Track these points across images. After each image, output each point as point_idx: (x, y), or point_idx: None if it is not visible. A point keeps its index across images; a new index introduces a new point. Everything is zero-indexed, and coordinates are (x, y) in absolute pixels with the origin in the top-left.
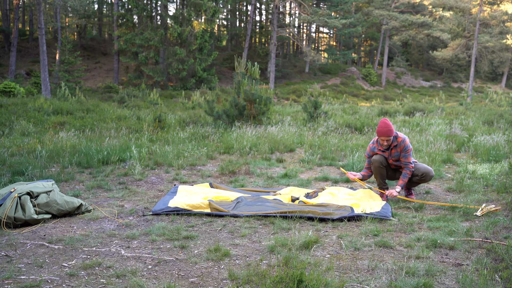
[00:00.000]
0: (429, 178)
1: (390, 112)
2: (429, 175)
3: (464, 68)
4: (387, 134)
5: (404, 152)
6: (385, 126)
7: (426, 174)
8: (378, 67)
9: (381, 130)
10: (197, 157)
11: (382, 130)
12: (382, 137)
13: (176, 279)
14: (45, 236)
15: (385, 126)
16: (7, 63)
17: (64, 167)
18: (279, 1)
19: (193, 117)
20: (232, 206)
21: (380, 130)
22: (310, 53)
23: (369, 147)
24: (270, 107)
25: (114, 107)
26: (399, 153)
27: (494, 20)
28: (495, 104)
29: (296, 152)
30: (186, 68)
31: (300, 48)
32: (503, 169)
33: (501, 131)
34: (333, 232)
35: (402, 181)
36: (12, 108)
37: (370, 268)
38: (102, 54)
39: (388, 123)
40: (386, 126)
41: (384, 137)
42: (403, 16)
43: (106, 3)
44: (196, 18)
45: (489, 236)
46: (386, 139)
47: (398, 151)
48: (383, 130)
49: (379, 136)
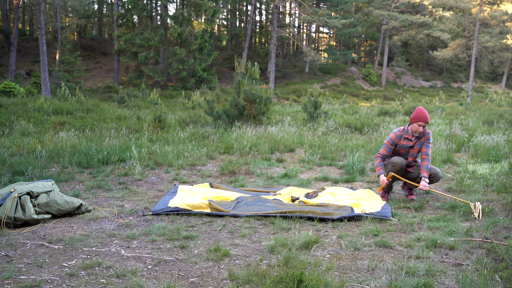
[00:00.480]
0: (437, 179)
1: (390, 112)
2: (437, 176)
3: (464, 68)
4: (426, 119)
5: (427, 142)
6: (423, 112)
7: (435, 174)
8: (378, 67)
9: (420, 115)
10: (197, 157)
11: (421, 115)
12: (420, 122)
13: (176, 279)
14: (45, 236)
15: (423, 112)
16: (7, 63)
17: (64, 167)
18: (279, 1)
19: (193, 117)
20: (232, 206)
21: (419, 115)
22: (310, 53)
23: (394, 135)
24: (270, 107)
25: (114, 107)
26: (422, 143)
27: (494, 20)
28: (495, 104)
29: (296, 152)
30: (186, 68)
31: (300, 48)
32: (503, 169)
33: (501, 131)
34: (333, 232)
35: (426, 173)
36: (12, 108)
37: (370, 268)
38: (102, 54)
39: (424, 109)
40: (424, 112)
41: (422, 122)
42: (403, 16)
43: (106, 3)
44: (196, 18)
45: (489, 236)
46: (423, 124)
47: (421, 141)
48: (422, 115)
49: (418, 120)
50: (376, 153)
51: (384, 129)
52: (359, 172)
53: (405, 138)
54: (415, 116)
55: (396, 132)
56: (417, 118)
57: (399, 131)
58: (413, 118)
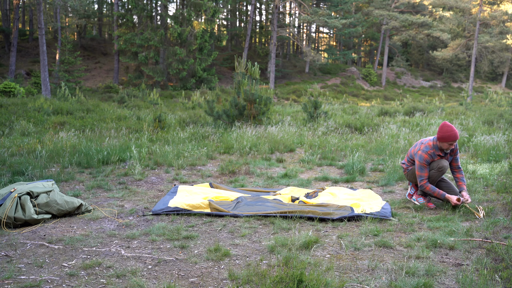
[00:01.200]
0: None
1: (390, 112)
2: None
3: (464, 68)
4: (456, 137)
5: (456, 155)
6: (452, 129)
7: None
8: (378, 67)
9: (450, 135)
10: (197, 157)
11: (451, 134)
12: (451, 141)
13: (176, 279)
14: (45, 236)
15: (452, 129)
16: (7, 63)
17: (64, 167)
18: (279, 1)
19: (193, 117)
20: (232, 206)
21: (449, 134)
22: (310, 53)
23: (427, 155)
24: (270, 107)
25: (114, 107)
26: (452, 157)
27: (494, 20)
28: (495, 104)
29: (296, 152)
30: (186, 68)
31: (300, 48)
32: (503, 169)
33: (501, 131)
34: (333, 232)
35: (464, 185)
36: (12, 108)
37: (370, 268)
38: (102, 54)
39: (451, 126)
40: (452, 130)
41: (453, 141)
42: (403, 16)
43: (106, 3)
44: (196, 18)
45: (489, 236)
46: (453, 143)
47: (451, 155)
48: (452, 133)
49: (449, 140)
50: (420, 180)
51: (384, 129)
52: (359, 172)
53: (438, 155)
54: (444, 136)
55: (428, 152)
56: (447, 138)
57: (431, 149)
58: (443, 138)
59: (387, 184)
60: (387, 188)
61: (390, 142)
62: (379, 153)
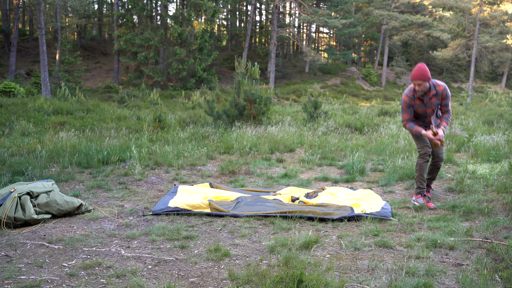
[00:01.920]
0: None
1: (390, 112)
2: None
3: (464, 68)
4: (418, 77)
5: (446, 100)
6: (418, 69)
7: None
8: (378, 67)
9: (415, 73)
10: (197, 157)
11: (416, 73)
12: (415, 80)
13: (176, 279)
14: (45, 236)
15: (418, 69)
16: (7, 63)
17: (64, 167)
18: (279, 1)
19: (193, 117)
20: (232, 206)
21: (415, 73)
22: (310, 53)
23: (407, 97)
24: (270, 107)
25: (114, 107)
26: (440, 101)
27: (494, 20)
28: (495, 104)
29: (296, 152)
30: (186, 68)
31: (300, 48)
32: (503, 169)
33: (501, 131)
34: (333, 232)
35: (446, 123)
36: (12, 108)
37: (370, 268)
38: (102, 54)
39: (423, 67)
40: (419, 70)
41: (417, 80)
42: (403, 16)
43: (106, 3)
44: (196, 18)
45: (489, 236)
46: (418, 83)
47: (439, 99)
48: (416, 73)
49: (412, 79)
50: (402, 121)
51: (384, 129)
52: (359, 172)
53: (418, 98)
54: (412, 74)
55: (407, 94)
56: (412, 76)
57: (410, 92)
58: (411, 77)
59: (387, 184)
60: (387, 188)
61: (390, 142)
62: (379, 153)
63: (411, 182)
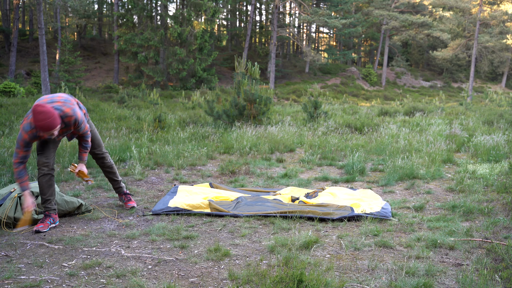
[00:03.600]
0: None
1: (390, 112)
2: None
3: (464, 68)
4: (51, 128)
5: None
6: (45, 120)
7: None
8: (378, 67)
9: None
10: (197, 157)
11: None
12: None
13: (176, 279)
14: (45, 236)
15: (44, 119)
16: (7, 63)
17: (64, 167)
18: (279, 1)
19: (193, 117)
20: (232, 206)
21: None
22: (310, 53)
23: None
24: (270, 107)
25: (114, 107)
26: (76, 135)
27: (494, 20)
28: (495, 104)
29: (296, 152)
30: (186, 68)
31: (300, 48)
32: (503, 169)
33: (501, 131)
34: (333, 232)
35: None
36: (12, 108)
37: (370, 268)
38: (102, 54)
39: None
40: (46, 120)
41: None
42: (403, 16)
43: (106, 3)
44: (196, 18)
45: (489, 236)
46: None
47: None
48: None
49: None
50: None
51: (384, 129)
52: (359, 172)
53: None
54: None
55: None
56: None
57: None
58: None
59: (387, 184)
60: (387, 188)
61: (390, 142)
62: (379, 153)
63: (411, 182)
